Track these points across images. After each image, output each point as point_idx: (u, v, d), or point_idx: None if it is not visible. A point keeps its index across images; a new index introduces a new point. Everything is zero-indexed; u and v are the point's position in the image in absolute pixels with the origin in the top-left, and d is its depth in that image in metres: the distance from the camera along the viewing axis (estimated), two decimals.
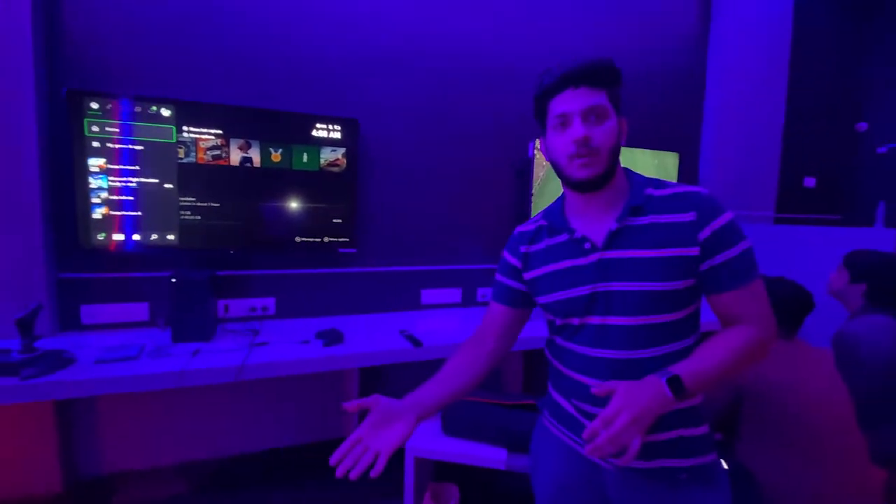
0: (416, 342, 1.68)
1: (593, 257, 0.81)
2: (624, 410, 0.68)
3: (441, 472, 1.70)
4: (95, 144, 1.60)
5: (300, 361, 1.51)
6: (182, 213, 1.73)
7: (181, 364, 1.41)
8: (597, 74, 0.77)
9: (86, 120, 1.58)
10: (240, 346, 1.60)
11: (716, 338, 0.79)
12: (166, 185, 1.70)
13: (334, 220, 1.94)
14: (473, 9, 2.16)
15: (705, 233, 0.77)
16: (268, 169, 1.82)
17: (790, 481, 1.17)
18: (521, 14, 2.26)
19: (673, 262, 0.77)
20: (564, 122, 0.78)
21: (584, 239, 0.82)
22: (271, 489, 1.83)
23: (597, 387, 0.75)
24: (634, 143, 2.45)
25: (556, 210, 0.89)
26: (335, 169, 1.92)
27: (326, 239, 1.94)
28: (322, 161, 1.90)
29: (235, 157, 1.77)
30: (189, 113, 1.70)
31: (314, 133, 1.87)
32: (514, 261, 0.93)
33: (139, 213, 1.68)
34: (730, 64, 2.73)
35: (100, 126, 1.60)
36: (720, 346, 0.77)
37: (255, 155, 1.80)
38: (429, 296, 2.23)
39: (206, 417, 1.93)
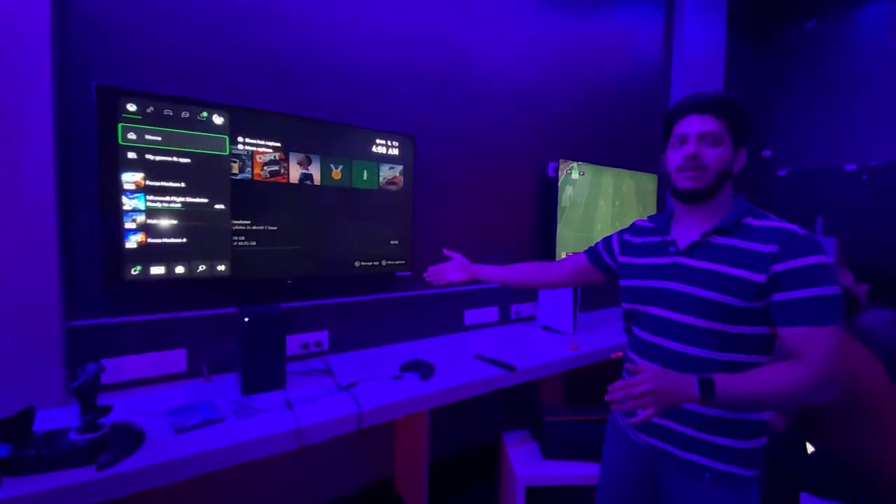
0: (509, 367, 1.62)
1: (672, 259, 0.95)
2: (651, 381, 0.76)
3: (550, 497, 1.65)
4: (131, 156, 1.28)
5: (411, 401, 1.37)
6: (236, 238, 1.45)
7: (289, 420, 1.18)
8: (720, 106, 0.89)
9: (120, 125, 1.25)
10: (327, 389, 1.39)
11: (769, 366, 0.82)
12: (217, 206, 1.42)
13: (392, 242, 1.80)
14: (497, 37, 2.19)
15: (780, 267, 0.81)
16: (328, 187, 1.63)
17: (862, 446, 1.38)
18: (531, 49, 2.35)
19: (735, 281, 0.84)
20: (682, 140, 0.91)
21: (672, 242, 0.96)
22: None
23: (633, 365, 0.84)
24: (618, 164, 2.69)
25: (665, 217, 1.03)
26: (392, 187, 1.79)
27: (384, 262, 1.79)
28: (381, 179, 1.75)
29: (294, 173, 1.55)
30: (246, 121, 1.45)
31: (374, 149, 1.72)
32: (615, 243, 1.14)
33: (184, 240, 1.37)
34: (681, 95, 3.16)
35: (138, 133, 1.28)
36: (765, 376, 0.79)
37: (316, 171, 1.60)
38: (471, 316, 2.17)
39: (254, 485, 1.62)
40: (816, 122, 3.85)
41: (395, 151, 1.78)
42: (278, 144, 1.51)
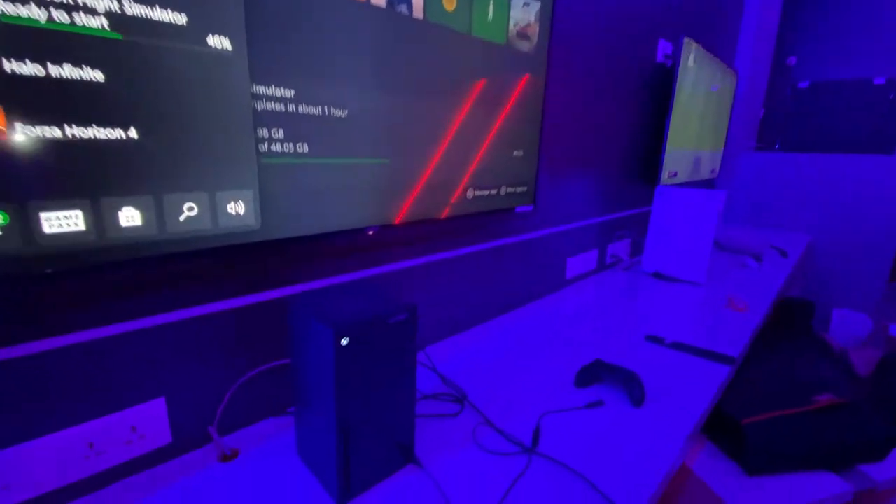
0: (723, 357, 1.02)
1: None
2: None
3: None
4: None
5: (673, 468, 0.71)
6: (264, 133, 0.59)
7: None
8: None
9: None
10: (492, 449, 0.68)
11: None
12: (215, 42, 0.53)
13: (514, 153, 1.02)
14: None
15: None
16: (436, 26, 0.77)
17: None
18: None
19: None
20: None
21: None
22: None
23: None
24: (715, 52, 2.01)
25: None
26: (524, 45, 0.96)
27: (504, 190, 1.01)
28: (511, 25, 0.91)
29: None
30: None
31: None
32: None
33: (131, 136, 0.49)
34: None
35: None
36: None
37: None
38: (573, 266, 1.51)
39: None
40: (851, 28, 3.45)
41: None
42: None
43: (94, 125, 0.46)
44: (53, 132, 0.44)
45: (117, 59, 0.47)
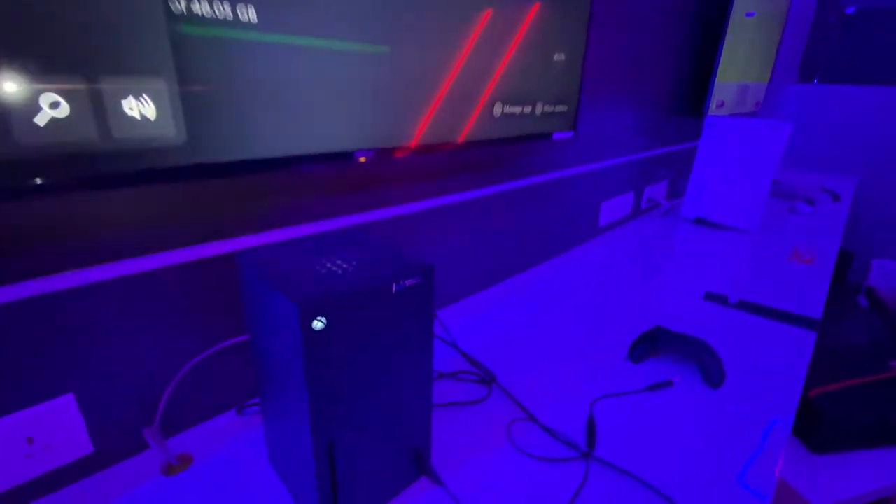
0: (801, 319, 0.83)
1: None
2: None
3: None
4: None
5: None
6: None
7: None
8: None
9: None
10: (537, 452, 0.50)
11: None
12: None
13: (555, 57, 0.77)
14: None
15: None
16: None
17: None
18: None
19: None
20: None
21: None
22: None
23: None
24: None
25: None
26: None
27: (541, 108, 0.78)
28: None
29: None
30: None
31: None
32: None
33: None
34: None
35: None
36: None
37: None
38: (607, 211, 1.29)
39: None
40: None
41: None
42: None
43: None
44: None
45: None
